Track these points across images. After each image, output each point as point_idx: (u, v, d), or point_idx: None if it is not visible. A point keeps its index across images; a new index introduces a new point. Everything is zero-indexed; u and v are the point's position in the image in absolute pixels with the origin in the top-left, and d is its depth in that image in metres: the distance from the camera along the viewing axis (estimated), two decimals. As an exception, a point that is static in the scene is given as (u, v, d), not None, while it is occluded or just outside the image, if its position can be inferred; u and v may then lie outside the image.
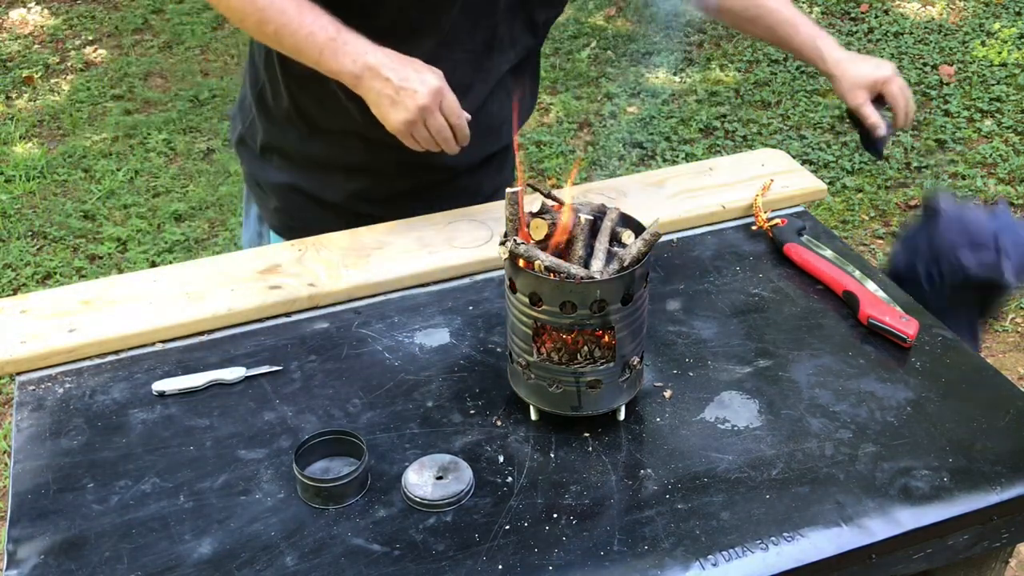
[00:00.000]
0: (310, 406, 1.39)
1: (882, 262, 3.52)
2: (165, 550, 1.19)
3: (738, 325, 1.53)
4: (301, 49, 1.53)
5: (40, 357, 1.46)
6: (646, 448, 1.32)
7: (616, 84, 4.67)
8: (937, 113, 4.40)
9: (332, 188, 1.77)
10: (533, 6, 1.70)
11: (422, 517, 1.22)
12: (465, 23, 1.62)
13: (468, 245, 1.68)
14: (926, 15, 5.16)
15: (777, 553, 1.17)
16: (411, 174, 1.76)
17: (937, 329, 1.52)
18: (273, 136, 1.78)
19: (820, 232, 1.72)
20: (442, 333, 1.52)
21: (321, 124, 1.72)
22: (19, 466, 1.30)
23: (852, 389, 1.41)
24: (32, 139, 4.42)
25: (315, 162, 1.76)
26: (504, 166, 1.94)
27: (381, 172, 1.75)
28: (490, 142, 1.81)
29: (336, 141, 1.73)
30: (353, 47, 1.50)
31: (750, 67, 4.79)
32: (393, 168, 1.73)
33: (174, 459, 1.31)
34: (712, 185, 1.82)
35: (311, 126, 1.73)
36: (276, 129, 1.77)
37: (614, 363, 1.29)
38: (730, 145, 4.24)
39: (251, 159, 1.84)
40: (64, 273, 3.59)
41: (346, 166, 1.75)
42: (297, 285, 1.58)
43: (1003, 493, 1.25)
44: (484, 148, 1.80)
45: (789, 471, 1.28)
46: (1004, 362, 3.16)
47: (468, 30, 1.63)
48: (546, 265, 1.25)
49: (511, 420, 1.36)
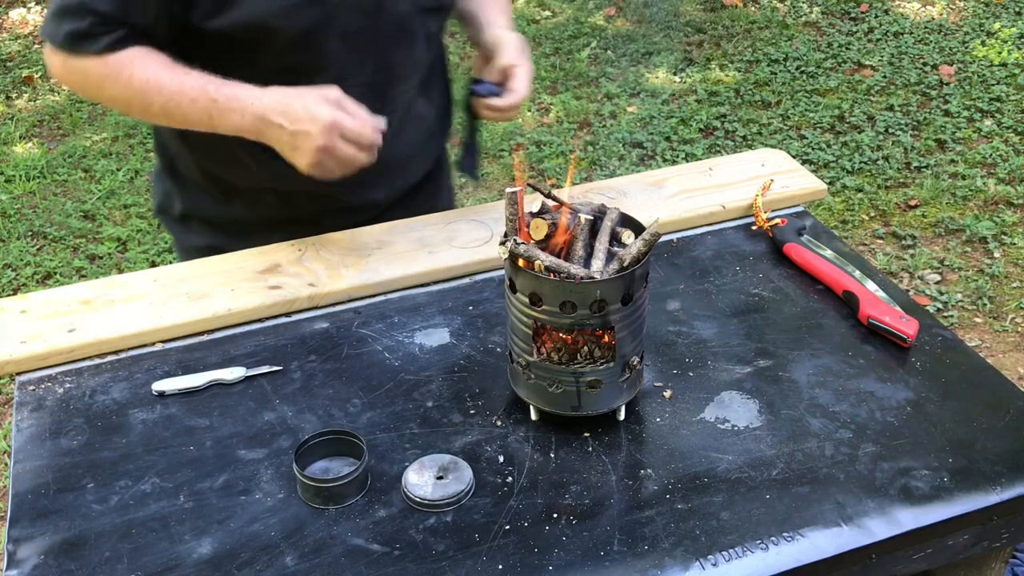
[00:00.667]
0: (310, 406, 1.39)
1: (882, 262, 3.52)
2: (165, 550, 1.18)
3: (738, 325, 1.53)
4: (190, 118, 1.52)
5: (40, 357, 1.46)
6: (646, 448, 1.32)
7: (616, 84, 4.67)
8: (937, 113, 4.40)
9: (256, 246, 1.72)
10: (423, 21, 1.66)
11: (422, 517, 1.22)
12: (351, 56, 1.58)
13: (468, 245, 1.68)
14: (926, 15, 5.16)
15: (777, 553, 1.17)
16: (334, 219, 1.72)
17: (937, 329, 1.52)
18: (189, 203, 1.77)
19: (820, 232, 1.72)
20: (442, 333, 1.52)
21: (233, 185, 1.71)
22: (19, 466, 1.30)
23: (852, 389, 1.41)
24: (32, 139, 4.42)
25: (234, 223, 1.74)
26: (438, 190, 1.92)
27: (302, 222, 1.71)
28: (406, 174, 1.78)
29: (251, 199, 1.71)
30: (238, 102, 1.48)
31: (750, 67, 4.79)
32: (313, 216, 1.72)
33: (174, 459, 1.31)
34: (712, 185, 1.82)
35: (224, 189, 1.72)
36: (191, 196, 1.76)
37: (614, 363, 1.29)
38: (730, 145, 4.24)
39: (172, 225, 1.84)
40: (64, 273, 3.59)
41: (266, 222, 1.72)
42: (297, 285, 1.58)
43: (1003, 493, 1.25)
44: (402, 181, 1.77)
45: (789, 471, 1.28)
46: (1004, 362, 3.16)
47: (356, 63, 1.59)
48: (546, 265, 1.25)
49: (511, 420, 1.36)
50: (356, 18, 1.55)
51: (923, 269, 3.54)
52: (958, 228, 3.71)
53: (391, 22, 1.59)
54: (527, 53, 1.71)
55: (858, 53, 4.85)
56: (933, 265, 3.55)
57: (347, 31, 1.56)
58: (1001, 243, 3.65)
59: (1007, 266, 3.55)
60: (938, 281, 3.49)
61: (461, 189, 4.05)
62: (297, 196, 1.68)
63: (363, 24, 1.56)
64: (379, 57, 1.62)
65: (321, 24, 1.52)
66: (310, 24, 1.51)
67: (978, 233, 3.67)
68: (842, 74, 4.71)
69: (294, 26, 1.50)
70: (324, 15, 1.52)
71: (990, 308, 3.37)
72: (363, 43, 1.58)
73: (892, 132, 4.27)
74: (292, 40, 1.52)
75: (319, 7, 1.51)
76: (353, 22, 1.55)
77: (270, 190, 1.69)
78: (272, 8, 1.48)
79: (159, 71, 1.50)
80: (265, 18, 1.48)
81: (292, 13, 1.49)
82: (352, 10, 1.54)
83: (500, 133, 4.36)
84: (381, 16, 1.58)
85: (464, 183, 3.82)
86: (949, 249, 3.63)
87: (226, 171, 1.68)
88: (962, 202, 3.86)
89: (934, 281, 3.48)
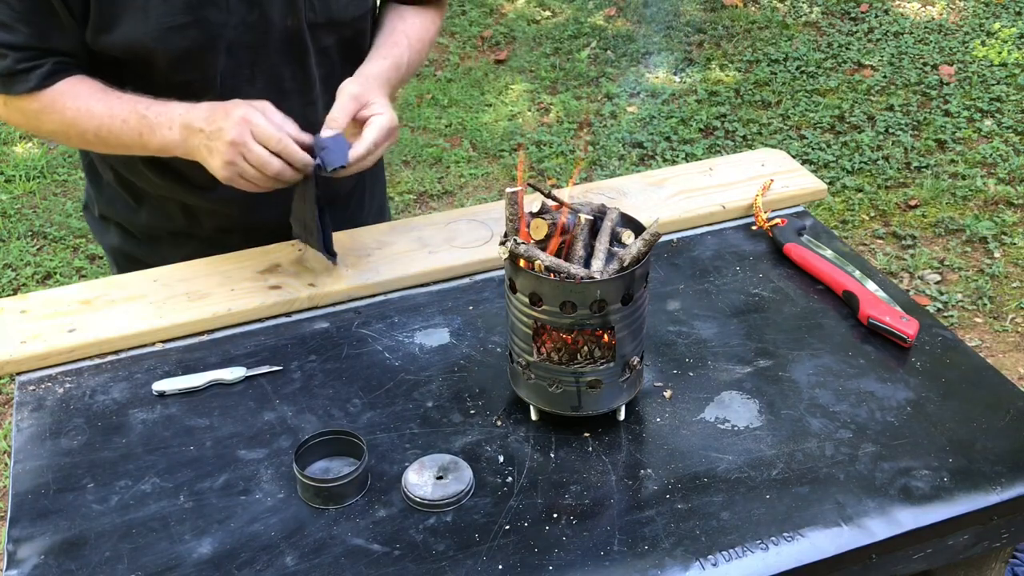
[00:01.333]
0: (310, 406, 1.39)
1: (882, 262, 3.52)
2: (165, 550, 1.19)
3: (738, 325, 1.53)
4: (123, 140, 1.52)
5: (40, 357, 1.46)
6: (646, 448, 1.32)
7: (616, 84, 4.67)
8: (937, 113, 4.40)
9: (161, 255, 1.73)
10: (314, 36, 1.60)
11: (422, 517, 1.22)
12: (240, 71, 1.57)
13: (468, 245, 1.68)
14: (926, 15, 5.16)
15: (777, 553, 1.17)
16: (234, 238, 1.70)
17: (937, 329, 1.52)
18: (105, 204, 1.78)
19: (820, 232, 1.72)
20: (442, 333, 1.52)
21: (142, 191, 1.71)
22: (19, 466, 1.30)
23: (852, 389, 1.41)
24: (32, 139, 4.42)
25: (142, 230, 1.75)
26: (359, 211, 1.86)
27: (205, 239, 1.71)
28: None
29: (157, 207, 1.71)
30: (167, 116, 1.48)
31: (750, 67, 4.79)
32: (214, 233, 1.71)
33: (174, 459, 1.31)
34: (712, 185, 1.82)
35: (134, 194, 1.72)
36: (105, 199, 1.77)
37: (614, 363, 1.29)
38: (730, 145, 4.24)
39: (92, 223, 1.86)
40: (64, 273, 3.59)
41: (172, 232, 1.73)
42: (297, 285, 1.58)
43: (1003, 493, 1.25)
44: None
45: (789, 471, 1.28)
46: (1004, 362, 3.16)
47: (246, 78, 1.58)
48: (546, 265, 1.25)
49: (511, 420, 1.36)
50: (242, 33, 1.53)
51: (923, 269, 3.54)
52: (958, 228, 3.71)
53: (278, 36, 1.57)
54: (375, 94, 1.56)
55: (858, 53, 4.85)
56: (933, 265, 3.55)
57: (232, 46, 1.54)
58: (1001, 243, 3.65)
59: (1007, 266, 3.55)
60: (938, 281, 3.49)
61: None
62: (197, 210, 1.69)
63: (249, 39, 1.55)
64: (269, 72, 1.60)
65: (204, 43, 1.51)
66: (191, 44, 1.50)
67: (978, 233, 3.67)
68: (842, 74, 4.71)
69: (173, 47, 1.50)
70: (206, 35, 1.51)
71: (990, 308, 3.37)
72: (251, 58, 1.57)
73: (892, 132, 4.27)
74: (174, 59, 1.51)
75: (198, 28, 1.50)
76: (239, 37, 1.54)
77: (173, 200, 1.70)
78: (148, 31, 1.47)
79: (90, 99, 1.51)
80: (143, 40, 1.48)
81: (168, 36, 1.48)
82: (238, 27, 1.53)
83: (500, 133, 4.36)
84: (268, 32, 1.55)
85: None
86: (949, 249, 3.63)
87: (133, 176, 1.69)
88: (962, 202, 3.86)
89: (934, 281, 3.48)
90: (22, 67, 1.49)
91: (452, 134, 4.39)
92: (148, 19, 1.47)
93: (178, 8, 1.47)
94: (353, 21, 1.66)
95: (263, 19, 1.54)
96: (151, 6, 1.46)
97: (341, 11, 1.62)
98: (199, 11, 1.49)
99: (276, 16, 1.55)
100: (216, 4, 1.49)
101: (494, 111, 4.55)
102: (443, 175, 4.11)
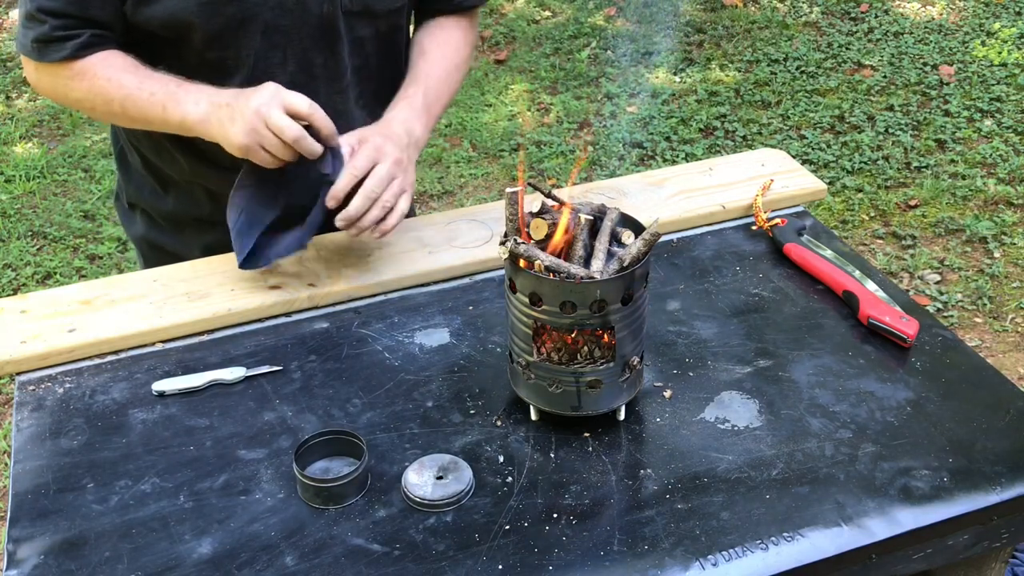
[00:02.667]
0: (310, 406, 1.39)
1: (882, 262, 3.52)
2: (165, 550, 1.18)
3: (738, 325, 1.53)
4: (146, 113, 1.53)
5: (40, 357, 1.46)
6: (646, 448, 1.32)
7: (616, 84, 4.67)
8: (937, 113, 4.40)
9: (185, 242, 1.76)
10: (349, 24, 1.62)
11: (422, 517, 1.22)
12: (273, 52, 1.58)
13: (468, 245, 1.68)
14: (926, 15, 5.16)
15: (777, 553, 1.17)
16: None
17: (937, 329, 1.52)
18: (133, 192, 1.81)
19: (820, 232, 1.72)
20: (442, 333, 1.52)
21: (169, 176, 1.73)
22: (19, 466, 1.30)
23: (852, 389, 1.41)
24: (32, 139, 4.42)
25: (168, 217, 1.77)
26: None
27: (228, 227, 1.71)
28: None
29: (184, 194, 1.74)
30: (195, 93, 1.51)
31: (750, 67, 4.79)
32: None
33: (174, 459, 1.31)
34: (712, 185, 1.82)
35: (161, 181, 1.75)
36: (134, 185, 1.79)
37: (614, 363, 1.29)
38: (730, 145, 4.24)
39: (121, 212, 1.89)
40: (64, 273, 3.59)
41: (196, 219, 1.74)
42: (297, 285, 1.58)
43: (1003, 493, 1.25)
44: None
45: (789, 471, 1.28)
46: (1004, 362, 3.16)
47: (278, 60, 1.59)
48: (546, 265, 1.25)
49: (511, 420, 1.36)
50: (279, 16, 1.56)
51: (923, 269, 3.54)
52: (958, 228, 3.71)
53: (313, 22, 1.59)
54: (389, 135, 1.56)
55: (858, 53, 4.85)
56: (933, 265, 3.55)
57: (268, 28, 1.56)
58: (1001, 243, 3.65)
59: (1007, 266, 3.55)
60: (938, 281, 3.49)
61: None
62: (222, 197, 1.67)
63: (285, 22, 1.57)
64: (301, 56, 1.61)
65: (240, 21, 1.53)
66: (228, 20, 1.53)
67: (978, 233, 3.67)
68: (842, 74, 4.71)
69: (212, 22, 1.52)
70: (243, 12, 1.53)
71: (990, 308, 3.37)
72: (284, 41, 1.58)
73: (892, 132, 4.27)
74: (211, 36, 1.54)
75: (237, 5, 1.52)
76: (274, 19, 1.56)
77: (200, 186, 1.71)
78: (188, 5, 1.49)
79: (123, 71, 1.53)
80: (182, 15, 1.50)
81: (206, 11, 1.50)
82: (275, 8, 1.55)
83: (500, 133, 4.36)
84: (304, 15, 1.57)
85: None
86: (949, 249, 3.63)
87: (161, 161, 1.71)
88: (962, 202, 3.86)
89: (934, 281, 3.48)
90: (59, 35, 1.51)
91: (452, 134, 4.39)
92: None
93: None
94: (389, 14, 1.68)
95: (300, 3, 1.56)
96: None
97: (377, 2, 1.64)
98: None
99: (313, 1, 1.57)
100: None
101: (494, 111, 4.55)
102: (443, 175, 4.11)
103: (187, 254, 1.73)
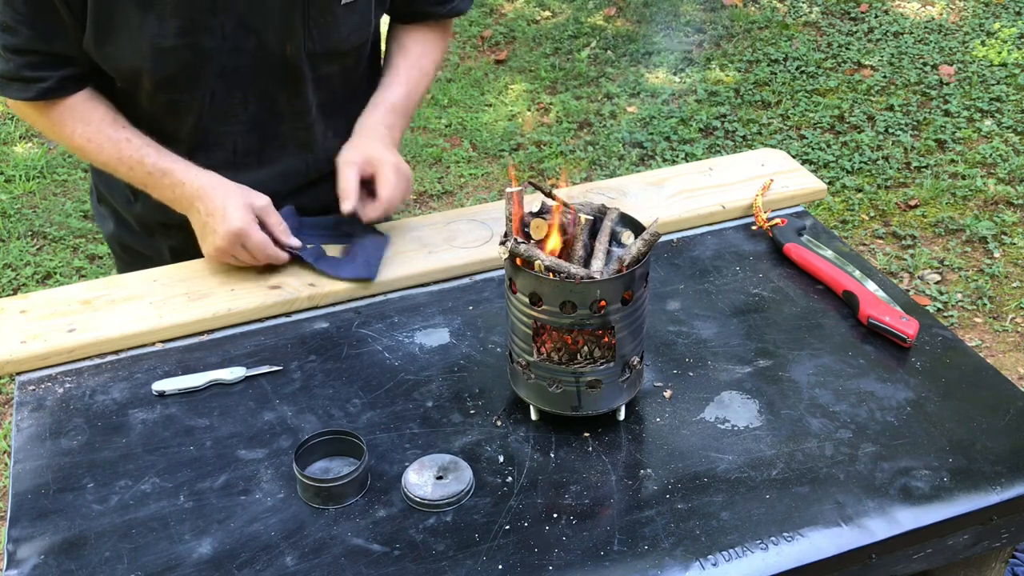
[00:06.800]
0: (310, 406, 1.39)
1: (882, 262, 3.52)
2: (165, 550, 1.19)
3: (738, 325, 1.53)
4: (131, 180, 1.60)
5: (40, 357, 1.46)
6: (646, 448, 1.32)
7: (616, 84, 4.67)
8: (937, 113, 4.40)
9: (155, 245, 1.76)
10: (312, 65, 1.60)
11: (422, 517, 1.22)
12: (233, 93, 1.58)
13: (468, 245, 1.68)
14: (926, 15, 5.16)
15: (777, 553, 1.17)
16: None
17: (937, 329, 1.52)
18: (103, 192, 1.80)
19: (820, 232, 1.72)
20: (442, 333, 1.52)
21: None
22: (19, 466, 1.30)
23: (852, 389, 1.41)
24: (32, 139, 4.42)
25: (137, 219, 1.77)
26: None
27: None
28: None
29: (152, 199, 1.70)
30: (170, 179, 1.55)
31: (750, 67, 4.79)
32: None
33: (174, 459, 1.31)
34: (712, 185, 1.82)
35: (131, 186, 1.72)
36: (105, 184, 1.78)
37: (614, 363, 1.29)
38: (730, 145, 4.23)
39: (96, 210, 1.89)
40: (64, 273, 3.58)
41: (162, 224, 1.73)
42: (297, 285, 1.58)
43: (1003, 493, 1.25)
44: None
45: (789, 471, 1.28)
46: (1004, 362, 3.16)
47: (239, 100, 1.59)
48: (546, 265, 1.25)
49: (511, 420, 1.36)
50: (236, 59, 1.54)
51: (923, 269, 3.54)
52: (958, 228, 3.71)
53: (274, 62, 1.57)
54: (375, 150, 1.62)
55: (858, 53, 4.85)
56: (933, 265, 3.55)
57: (225, 71, 1.54)
58: (1001, 243, 3.65)
59: (1007, 266, 3.55)
60: (938, 281, 3.49)
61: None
62: None
63: (244, 65, 1.55)
64: (263, 95, 1.60)
65: (194, 67, 1.52)
66: (180, 67, 1.51)
67: (978, 233, 3.67)
68: (842, 74, 4.71)
69: (162, 69, 1.51)
70: (197, 58, 1.51)
71: (990, 308, 3.37)
72: (245, 82, 1.57)
73: (892, 132, 4.27)
74: (161, 81, 1.53)
75: (190, 51, 1.50)
76: (232, 63, 1.54)
77: None
78: (138, 51, 1.48)
79: (98, 133, 1.55)
80: (131, 59, 1.50)
81: (158, 57, 1.49)
82: (231, 53, 1.53)
83: (500, 133, 4.36)
84: (264, 57, 1.55)
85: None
86: (949, 249, 3.63)
87: None
88: (962, 202, 3.86)
89: (934, 281, 3.48)
90: (25, 74, 1.50)
91: (452, 134, 4.39)
92: (141, 38, 1.47)
93: (171, 31, 1.47)
94: (354, 50, 1.66)
95: (260, 46, 1.54)
96: (145, 25, 1.46)
97: (342, 42, 1.61)
98: (192, 35, 1.48)
99: (273, 44, 1.55)
100: (210, 30, 1.49)
101: (494, 111, 4.55)
102: (443, 175, 4.11)
103: (156, 255, 1.75)
